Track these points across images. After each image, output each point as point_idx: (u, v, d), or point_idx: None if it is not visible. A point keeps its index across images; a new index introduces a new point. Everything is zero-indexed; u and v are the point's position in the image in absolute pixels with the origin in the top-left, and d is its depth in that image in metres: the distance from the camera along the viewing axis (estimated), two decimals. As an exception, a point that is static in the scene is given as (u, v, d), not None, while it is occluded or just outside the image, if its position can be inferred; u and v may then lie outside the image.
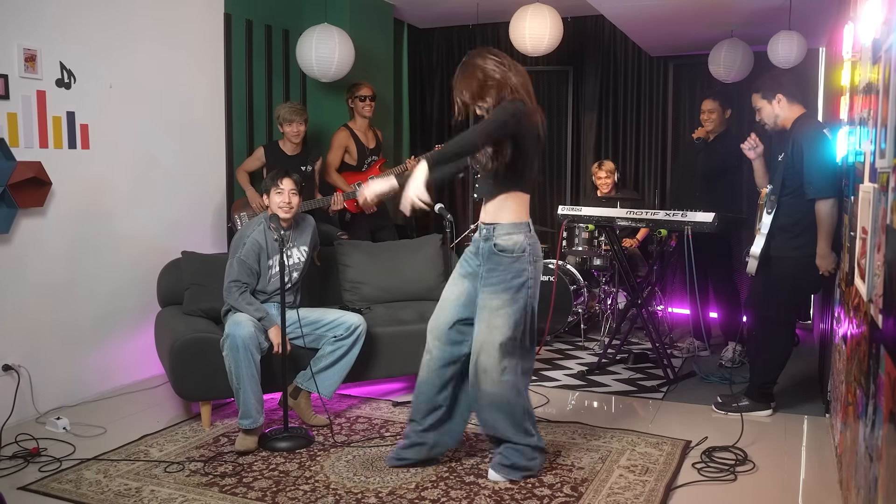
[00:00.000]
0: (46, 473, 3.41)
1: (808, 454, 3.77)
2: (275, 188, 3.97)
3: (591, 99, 7.36)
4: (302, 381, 4.03)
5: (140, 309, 4.78)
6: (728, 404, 4.30)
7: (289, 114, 5.19)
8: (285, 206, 3.97)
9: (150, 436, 3.89)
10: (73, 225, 4.38)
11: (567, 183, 7.54)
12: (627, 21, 5.87)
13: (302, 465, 3.51)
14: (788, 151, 4.01)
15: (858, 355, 2.71)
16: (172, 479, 3.35)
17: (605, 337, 5.84)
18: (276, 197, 3.97)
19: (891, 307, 1.95)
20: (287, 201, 3.97)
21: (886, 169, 2.11)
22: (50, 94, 4.20)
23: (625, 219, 4.98)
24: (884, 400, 1.99)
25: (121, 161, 4.66)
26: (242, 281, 3.90)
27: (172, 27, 4.98)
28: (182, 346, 3.89)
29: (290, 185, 3.97)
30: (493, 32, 7.53)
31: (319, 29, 5.54)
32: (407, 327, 4.48)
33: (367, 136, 5.77)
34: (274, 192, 3.97)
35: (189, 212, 5.20)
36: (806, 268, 4.02)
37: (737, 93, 6.20)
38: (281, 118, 5.22)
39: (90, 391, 4.51)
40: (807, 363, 5.19)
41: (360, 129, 5.73)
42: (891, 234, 1.99)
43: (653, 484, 3.30)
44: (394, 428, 4.00)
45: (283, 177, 3.97)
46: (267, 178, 4.08)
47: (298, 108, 5.23)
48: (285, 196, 3.96)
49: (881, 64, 2.30)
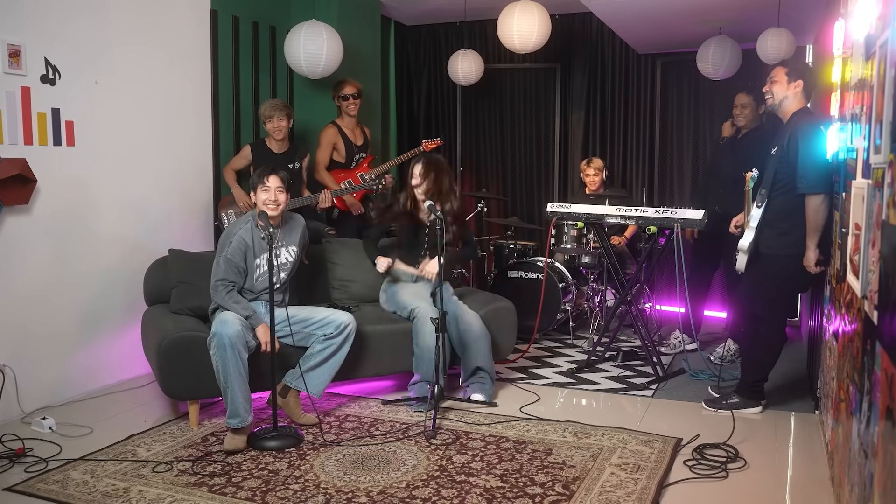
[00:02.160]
0: (32, 474, 3.36)
1: (798, 451, 3.77)
2: (261, 186, 3.93)
3: (578, 96, 7.35)
4: (291, 380, 4.00)
5: (127, 307, 4.73)
6: (718, 401, 4.30)
7: (269, 109, 5.17)
8: (272, 203, 3.93)
9: (137, 435, 3.84)
10: (59, 222, 4.33)
11: (555, 181, 7.53)
12: (615, 18, 5.86)
13: (291, 465, 3.48)
14: (784, 144, 3.99)
15: (851, 352, 2.71)
16: (161, 479, 3.31)
17: (593, 335, 5.84)
18: (262, 194, 3.94)
19: (886, 303, 1.94)
20: (273, 199, 3.93)
21: (882, 164, 2.10)
22: (35, 90, 4.14)
23: (614, 216, 4.97)
24: (880, 396, 1.98)
25: (107, 158, 4.61)
26: (229, 280, 3.87)
27: (159, 23, 4.93)
28: (169, 344, 3.85)
29: (276, 183, 3.94)
30: (481, 29, 7.52)
31: (307, 25, 5.50)
32: (396, 325, 4.45)
33: (354, 133, 5.76)
34: (261, 190, 3.94)
35: (176, 209, 5.15)
36: (794, 266, 4.02)
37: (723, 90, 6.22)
38: (262, 115, 5.20)
39: (76, 391, 4.46)
40: (796, 360, 5.20)
41: (347, 127, 5.73)
42: (887, 229, 1.99)
43: (644, 482, 3.29)
44: (383, 426, 3.98)
45: (270, 174, 3.94)
46: (254, 176, 4.03)
47: (279, 104, 5.20)
48: (272, 194, 3.93)
49: (875, 59, 2.29)
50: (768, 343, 4.20)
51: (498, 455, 3.58)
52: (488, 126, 7.77)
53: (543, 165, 7.61)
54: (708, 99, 6.88)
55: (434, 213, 4.27)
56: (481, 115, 7.76)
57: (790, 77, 4.05)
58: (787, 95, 4.05)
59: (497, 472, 3.39)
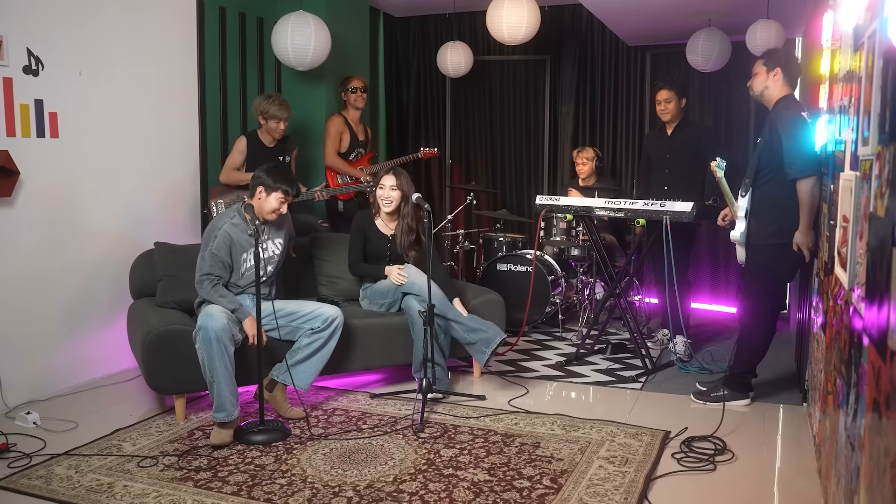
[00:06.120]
0: (16, 469, 3.32)
1: (786, 443, 3.77)
2: (278, 193, 3.91)
3: (568, 88, 7.32)
4: (278, 374, 3.97)
5: (112, 301, 4.69)
6: (707, 394, 4.30)
7: (279, 111, 5.07)
8: (275, 213, 3.97)
9: (122, 430, 3.81)
10: (43, 215, 4.28)
11: (544, 173, 7.51)
12: (605, 10, 5.84)
13: (278, 459, 3.46)
14: (765, 133, 4.01)
15: (839, 344, 2.70)
16: (146, 474, 3.29)
17: (582, 327, 5.83)
18: (273, 201, 3.92)
19: (874, 296, 1.93)
20: (279, 210, 3.96)
21: (869, 156, 2.09)
22: (17, 81, 4.08)
23: (603, 209, 4.95)
24: (867, 389, 1.97)
25: (91, 150, 4.56)
26: (215, 274, 3.83)
27: (144, 13, 4.87)
28: (155, 338, 3.82)
29: (289, 199, 3.98)
30: (470, 21, 7.48)
31: (295, 16, 5.46)
32: (383, 319, 4.44)
33: (358, 127, 5.86)
34: (274, 195, 3.91)
35: (162, 202, 5.10)
36: (779, 255, 4.02)
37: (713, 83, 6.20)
38: (269, 114, 5.08)
39: (61, 385, 4.42)
40: (784, 352, 5.20)
41: (353, 120, 5.85)
42: (874, 221, 1.98)
43: (632, 475, 3.28)
44: (371, 420, 3.96)
45: (291, 191, 3.96)
46: (273, 175, 3.92)
47: (284, 106, 5.11)
48: (283, 207, 3.96)
49: (864, 50, 2.27)
50: (755, 335, 4.20)
51: (486, 448, 3.57)
52: (478, 118, 7.74)
53: (533, 157, 7.58)
54: (697, 91, 6.86)
55: (422, 207, 4.27)
56: (471, 107, 7.73)
57: (769, 65, 4.08)
58: (766, 86, 4.09)
59: (485, 465, 3.38)
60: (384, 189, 4.52)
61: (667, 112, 5.41)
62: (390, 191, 4.51)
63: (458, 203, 7.18)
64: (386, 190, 4.52)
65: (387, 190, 4.52)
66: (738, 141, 6.73)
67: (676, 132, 5.46)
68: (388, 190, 4.51)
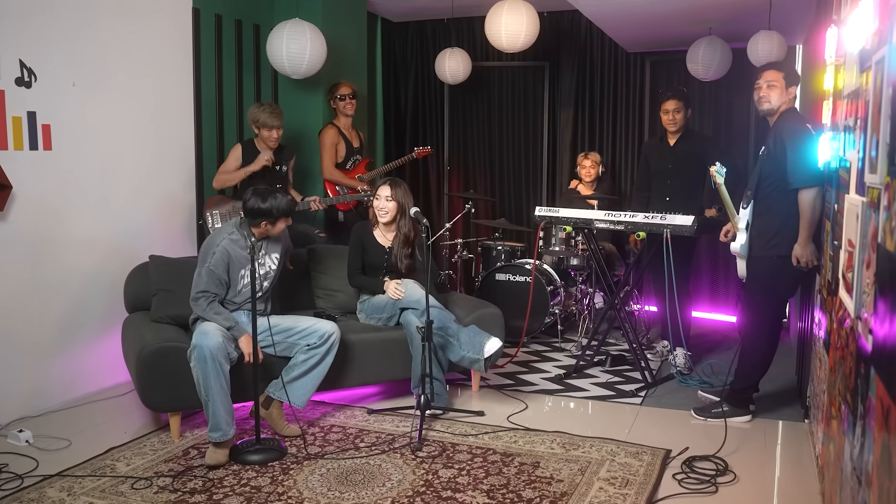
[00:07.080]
0: (7, 492, 3.26)
1: (788, 463, 3.72)
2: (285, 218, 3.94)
3: (567, 95, 7.27)
4: (274, 391, 3.92)
5: (106, 314, 4.63)
6: (707, 409, 4.26)
7: (270, 119, 5.02)
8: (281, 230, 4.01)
9: (116, 448, 3.76)
10: (36, 228, 4.22)
11: (543, 180, 7.46)
12: (604, 17, 5.79)
13: (274, 480, 3.41)
14: (770, 144, 3.96)
15: (843, 370, 2.65)
16: (140, 497, 3.24)
17: (582, 338, 5.78)
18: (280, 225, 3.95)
19: (883, 333, 1.89)
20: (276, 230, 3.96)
21: (878, 185, 2.04)
22: (9, 93, 4.03)
23: (603, 220, 4.90)
24: (875, 427, 1.92)
25: (85, 162, 4.50)
26: (211, 291, 3.78)
27: (138, 22, 4.81)
28: (149, 355, 3.77)
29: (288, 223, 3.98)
30: (469, 27, 7.43)
31: (290, 24, 5.40)
32: (381, 334, 4.40)
33: (351, 134, 5.78)
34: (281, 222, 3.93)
35: (157, 213, 5.05)
36: (779, 269, 3.97)
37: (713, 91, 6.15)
38: (260, 122, 5.04)
39: (55, 400, 4.37)
40: (785, 364, 5.15)
41: (345, 128, 5.77)
42: (883, 255, 1.93)
43: (633, 497, 3.23)
44: (368, 438, 3.91)
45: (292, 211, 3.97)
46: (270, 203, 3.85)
47: (276, 114, 5.06)
48: (280, 227, 3.95)
49: (871, 75, 2.23)
50: (757, 349, 4.16)
51: (485, 469, 3.52)
52: (476, 125, 7.68)
53: (532, 165, 7.53)
54: (697, 100, 6.81)
55: (420, 222, 4.24)
56: (469, 114, 7.68)
57: (789, 81, 4.00)
58: (782, 101, 3.99)
59: (484, 487, 3.33)
60: (380, 200, 4.49)
61: (675, 122, 5.35)
62: (385, 201, 4.47)
63: (456, 211, 7.13)
64: (381, 201, 4.49)
65: (382, 200, 4.48)
66: (738, 150, 6.68)
67: (679, 143, 5.40)
68: (383, 201, 4.48)
